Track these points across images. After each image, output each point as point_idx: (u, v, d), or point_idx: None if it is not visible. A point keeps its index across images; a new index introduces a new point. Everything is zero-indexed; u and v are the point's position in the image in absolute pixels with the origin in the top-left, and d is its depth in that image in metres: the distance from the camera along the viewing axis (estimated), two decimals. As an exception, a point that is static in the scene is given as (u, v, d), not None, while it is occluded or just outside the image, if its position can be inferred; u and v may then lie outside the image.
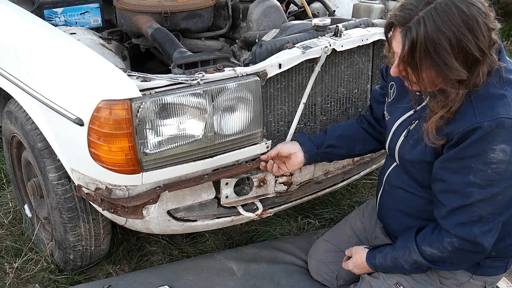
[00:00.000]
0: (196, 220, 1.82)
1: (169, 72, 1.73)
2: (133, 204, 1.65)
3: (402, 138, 1.55)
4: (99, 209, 1.77)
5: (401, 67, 1.35)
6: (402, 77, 1.40)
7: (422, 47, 1.25)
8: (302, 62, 1.80)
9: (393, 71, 1.39)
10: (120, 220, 1.79)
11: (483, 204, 1.35)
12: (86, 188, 1.72)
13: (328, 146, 1.81)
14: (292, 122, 1.89)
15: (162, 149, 1.58)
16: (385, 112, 1.69)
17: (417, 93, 1.46)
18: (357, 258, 1.71)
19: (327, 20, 1.93)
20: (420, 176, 1.51)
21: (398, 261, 1.56)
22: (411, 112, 1.54)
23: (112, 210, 1.69)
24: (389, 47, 1.40)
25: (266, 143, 1.81)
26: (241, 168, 1.79)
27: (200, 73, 1.62)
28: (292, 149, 1.79)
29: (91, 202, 1.77)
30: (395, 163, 1.65)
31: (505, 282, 1.91)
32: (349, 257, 1.78)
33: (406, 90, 1.50)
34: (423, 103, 1.47)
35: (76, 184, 1.74)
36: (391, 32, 1.36)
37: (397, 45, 1.31)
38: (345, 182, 2.16)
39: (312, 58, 1.82)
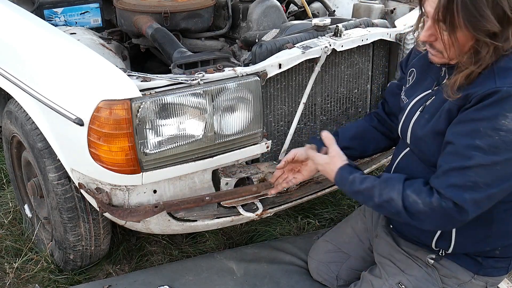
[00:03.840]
0: (196, 220, 1.82)
1: (169, 72, 1.73)
2: (130, 220, 1.65)
3: (417, 113, 1.53)
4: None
5: (433, 29, 1.35)
6: (430, 45, 1.41)
7: None
8: (302, 62, 1.80)
9: (423, 35, 1.39)
10: (120, 220, 1.79)
11: (481, 170, 1.33)
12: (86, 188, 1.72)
13: (342, 148, 1.78)
14: (292, 122, 1.89)
15: (162, 149, 1.58)
16: (402, 97, 1.67)
17: (440, 66, 1.46)
18: (329, 160, 1.61)
19: (327, 20, 1.93)
20: (430, 151, 1.49)
21: (372, 191, 1.49)
22: (429, 91, 1.54)
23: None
24: (420, 16, 1.41)
25: (266, 143, 1.81)
26: (245, 192, 1.76)
27: (200, 73, 1.62)
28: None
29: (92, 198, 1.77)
30: (403, 152, 1.63)
31: (506, 283, 1.90)
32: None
33: (426, 74, 1.50)
34: (443, 82, 1.47)
35: (77, 183, 1.74)
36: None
37: (432, 3, 1.32)
38: (345, 182, 2.16)
39: (312, 58, 1.82)
